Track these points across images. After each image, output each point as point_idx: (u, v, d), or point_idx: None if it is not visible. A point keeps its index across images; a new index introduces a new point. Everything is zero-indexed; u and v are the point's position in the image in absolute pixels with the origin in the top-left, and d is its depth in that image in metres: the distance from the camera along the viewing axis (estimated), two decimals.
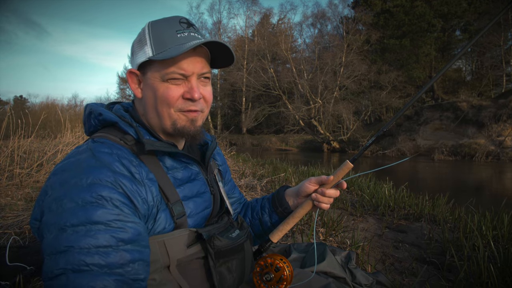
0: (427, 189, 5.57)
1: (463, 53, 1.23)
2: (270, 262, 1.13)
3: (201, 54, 0.94)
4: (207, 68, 0.97)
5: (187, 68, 0.91)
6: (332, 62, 30.98)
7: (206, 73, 0.97)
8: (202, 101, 0.98)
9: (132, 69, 0.97)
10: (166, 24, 0.93)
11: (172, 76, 0.91)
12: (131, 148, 0.90)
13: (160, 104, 0.93)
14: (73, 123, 7.05)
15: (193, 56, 0.92)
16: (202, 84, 0.97)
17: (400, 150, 24.35)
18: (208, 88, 0.99)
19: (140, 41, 0.94)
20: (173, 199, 0.91)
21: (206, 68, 0.97)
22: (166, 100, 0.92)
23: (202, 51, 0.95)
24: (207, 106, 1.01)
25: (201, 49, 0.94)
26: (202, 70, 0.95)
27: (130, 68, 0.99)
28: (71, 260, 0.68)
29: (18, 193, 3.75)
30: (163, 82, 0.92)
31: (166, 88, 0.92)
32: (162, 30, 0.92)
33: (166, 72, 0.91)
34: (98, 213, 0.73)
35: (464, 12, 30.26)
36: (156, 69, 0.92)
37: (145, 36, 0.93)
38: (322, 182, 1.16)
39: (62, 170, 0.81)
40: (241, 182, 5.25)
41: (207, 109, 1.01)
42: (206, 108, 1.01)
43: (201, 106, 0.97)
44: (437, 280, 2.05)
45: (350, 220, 3.39)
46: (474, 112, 23.03)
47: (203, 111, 0.99)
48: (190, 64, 0.92)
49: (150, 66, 0.93)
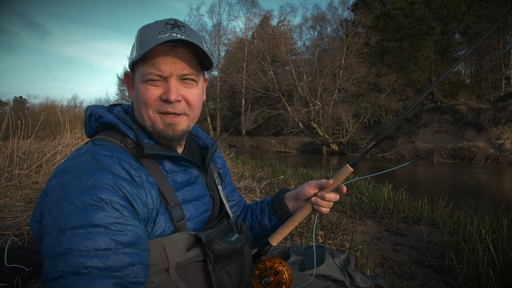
0: (426, 192, 5.58)
1: (463, 59, 1.23)
2: (269, 266, 1.13)
3: (181, 55, 0.92)
4: (189, 70, 0.93)
5: (164, 69, 0.90)
6: (332, 64, 31.04)
7: (188, 75, 0.94)
8: (184, 104, 0.95)
9: (127, 71, 1.01)
10: (152, 27, 0.93)
11: (150, 77, 0.91)
12: (131, 151, 0.91)
13: (140, 104, 0.94)
14: (72, 124, 7.04)
15: (172, 56, 0.91)
16: (184, 86, 0.94)
17: (400, 152, 24.37)
18: (192, 90, 0.96)
19: (133, 44, 0.97)
20: (172, 202, 0.92)
21: (188, 69, 0.93)
22: (144, 101, 0.92)
23: (184, 52, 0.93)
24: (191, 109, 0.97)
25: (182, 49, 0.92)
26: (182, 71, 0.92)
27: (126, 71, 1.02)
28: (70, 262, 0.68)
29: (17, 194, 3.74)
30: (143, 83, 0.92)
31: (145, 88, 0.92)
32: (147, 33, 0.92)
33: (144, 73, 0.91)
34: (98, 216, 0.73)
35: (463, 15, 30.35)
36: (138, 70, 0.94)
37: (135, 39, 0.96)
38: (322, 186, 1.16)
39: (62, 172, 0.81)
40: (240, 184, 5.25)
41: (192, 112, 0.98)
42: (190, 112, 0.97)
43: (182, 109, 0.94)
44: (436, 284, 2.05)
45: (349, 223, 3.39)
46: (473, 115, 23.10)
47: (186, 114, 0.96)
48: (168, 64, 0.90)
49: (137, 67, 0.95)
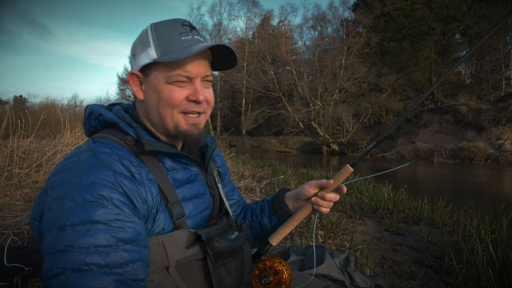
0: (426, 192, 5.58)
1: (464, 61, 1.23)
2: (269, 265, 1.13)
3: (205, 57, 0.96)
4: (210, 71, 0.99)
5: (192, 71, 0.93)
6: (332, 64, 31.03)
7: (209, 76, 0.99)
8: (205, 103, 0.99)
9: (133, 70, 0.97)
10: (169, 27, 0.93)
11: (177, 78, 0.92)
12: (131, 148, 0.90)
13: (163, 105, 0.93)
14: (72, 124, 7.04)
15: (198, 59, 0.93)
16: (205, 86, 0.98)
17: (400, 153, 24.36)
18: (210, 90, 1.01)
19: (143, 43, 0.94)
20: (172, 199, 0.91)
21: (209, 70, 0.98)
22: (171, 102, 0.93)
23: (206, 54, 0.96)
24: (209, 107, 1.02)
25: (204, 52, 0.95)
26: (206, 72, 0.96)
27: (131, 70, 0.98)
28: (70, 259, 0.68)
29: (17, 193, 3.74)
30: (168, 84, 0.92)
31: (171, 90, 0.92)
32: (166, 33, 0.92)
33: (171, 75, 0.91)
34: (98, 213, 0.73)
35: (463, 15, 30.32)
36: (160, 71, 0.92)
37: (148, 38, 0.93)
38: (322, 186, 1.16)
39: (62, 170, 0.81)
40: (240, 184, 5.25)
41: (209, 110, 1.03)
42: (208, 110, 1.02)
43: (204, 108, 0.99)
44: (436, 284, 2.05)
45: (349, 223, 3.39)
46: (473, 116, 23.09)
47: (205, 113, 1.01)
48: (195, 66, 0.93)
49: (154, 68, 0.93)
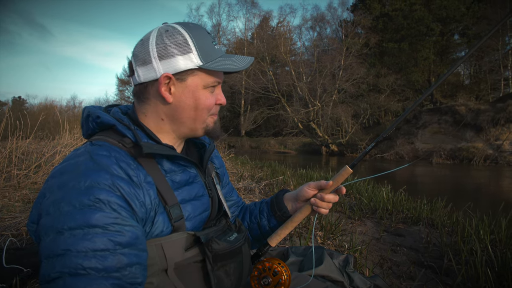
0: (425, 192, 5.58)
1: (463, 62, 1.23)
2: (268, 266, 1.13)
3: None
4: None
5: (222, 78, 1.03)
6: (331, 65, 31.04)
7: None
8: None
9: (167, 73, 0.93)
10: (202, 33, 0.98)
11: (213, 84, 1.00)
12: (129, 150, 0.90)
13: (201, 110, 0.99)
14: (71, 125, 7.02)
15: None
16: None
17: (399, 153, 24.38)
18: None
19: (180, 46, 0.92)
20: (171, 202, 0.91)
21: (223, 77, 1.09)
22: (208, 107, 1.00)
23: None
24: None
25: None
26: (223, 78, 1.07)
27: (165, 73, 0.93)
28: (68, 263, 0.68)
29: (16, 194, 3.73)
30: (205, 89, 0.98)
31: (208, 95, 0.99)
32: (203, 40, 0.96)
33: (210, 81, 0.98)
34: (96, 217, 0.73)
35: (462, 16, 30.37)
36: (200, 77, 0.96)
37: (188, 43, 0.93)
38: (321, 187, 1.16)
39: (60, 173, 0.80)
40: (239, 185, 5.25)
41: None
42: None
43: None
44: (435, 284, 2.05)
45: (348, 224, 3.39)
46: (472, 116, 23.12)
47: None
48: (222, 73, 1.03)
49: (193, 73, 0.95)
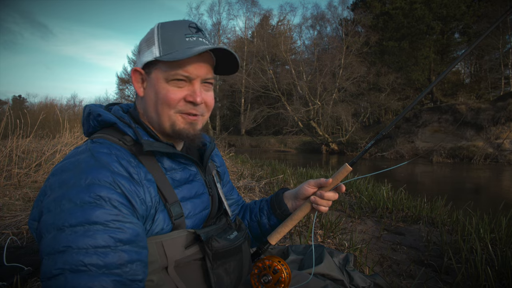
0: (426, 191, 5.59)
1: (462, 59, 1.23)
2: (268, 264, 1.13)
3: (206, 60, 0.96)
4: (211, 74, 0.99)
5: (192, 72, 0.93)
6: (331, 64, 30.96)
7: (210, 79, 0.99)
8: (203, 106, 0.99)
9: (137, 67, 0.98)
10: (175, 27, 0.94)
11: (176, 77, 0.92)
12: (130, 148, 0.90)
13: (161, 104, 0.94)
14: (71, 123, 7.03)
15: (199, 61, 0.94)
16: (204, 88, 0.98)
17: (399, 152, 24.37)
18: (210, 93, 1.01)
19: (148, 41, 0.95)
20: (171, 200, 0.92)
21: (211, 74, 0.98)
22: (167, 101, 0.93)
23: (208, 57, 0.97)
24: (207, 110, 1.02)
25: (207, 54, 0.96)
26: (207, 75, 0.97)
27: (135, 66, 0.99)
28: (69, 260, 0.68)
29: (16, 193, 3.74)
30: (167, 83, 0.93)
31: (169, 89, 0.93)
32: (171, 32, 0.93)
33: (170, 74, 0.92)
34: (97, 214, 0.73)
35: (463, 14, 30.27)
36: (161, 69, 0.93)
37: (154, 37, 0.94)
38: (321, 185, 1.17)
39: (61, 170, 0.81)
40: (239, 184, 5.25)
41: (207, 113, 1.03)
42: (206, 113, 1.02)
43: (202, 110, 0.99)
44: (435, 283, 2.05)
45: (348, 222, 3.40)
46: (472, 115, 23.09)
47: (203, 115, 1.01)
48: (196, 68, 0.93)
49: (156, 66, 0.94)
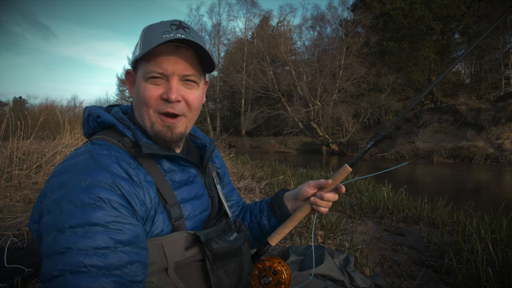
0: (426, 192, 5.58)
1: (462, 58, 1.23)
2: (268, 265, 1.13)
3: (184, 55, 0.93)
4: (191, 71, 0.94)
5: (167, 68, 0.91)
6: (331, 64, 30.98)
7: (190, 76, 0.94)
8: (183, 105, 0.95)
9: (128, 69, 1.01)
10: (157, 27, 0.94)
11: (152, 74, 0.91)
12: (129, 150, 0.91)
13: (141, 104, 0.94)
14: (72, 125, 7.04)
15: (175, 56, 0.91)
16: (186, 87, 0.95)
17: (399, 152, 24.35)
18: (193, 91, 0.97)
19: (136, 43, 0.97)
20: (171, 201, 0.92)
21: (190, 70, 0.94)
22: (144, 100, 0.92)
23: (187, 53, 0.93)
24: (190, 110, 0.97)
25: (185, 50, 0.93)
26: (185, 71, 0.93)
27: (127, 69, 1.02)
28: (69, 261, 0.68)
29: (17, 194, 3.74)
30: (145, 81, 0.93)
31: (146, 87, 0.92)
32: (152, 32, 0.93)
33: (147, 71, 0.92)
34: (97, 215, 0.73)
35: (463, 15, 30.26)
36: (141, 69, 0.94)
37: (139, 38, 0.96)
38: (321, 186, 1.17)
39: (61, 172, 0.81)
40: (240, 184, 5.25)
41: (191, 113, 0.98)
42: (189, 113, 0.98)
43: (181, 110, 0.95)
44: (436, 283, 2.05)
45: (349, 223, 3.40)
46: (473, 115, 23.07)
47: (185, 115, 0.97)
48: (171, 63, 0.91)
49: (139, 66, 0.95)
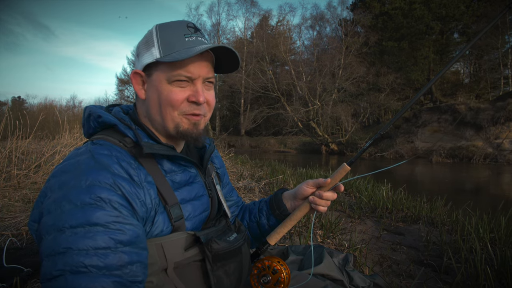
0: (425, 191, 5.59)
1: (461, 56, 1.23)
2: (267, 265, 1.13)
3: (207, 59, 0.96)
4: (212, 73, 0.99)
5: (194, 72, 0.93)
6: (331, 64, 30.99)
7: (211, 78, 0.98)
8: (206, 105, 0.99)
9: (137, 69, 0.97)
10: (174, 28, 0.94)
11: (178, 78, 0.92)
12: (130, 150, 0.90)
13: (164, 106, 0.93)
14: (71, 124, 7.02)
15: (200, 60, 0.93)
16: (206, 88, 0.98)
17: (398, 152, 24.37)
18: (211, 92, 1.01)
19: (147, 43, 0.95)
20: (171, 202, 0.92)
21: (211, 73, 0.98)
22: (171, 103, 0.93)
23: (208, 56, 0.96)
24: (209, 110, 1.02)
25: (207, 53, 0.96)
26: (208, 74, 0.96)
27: (134, 69, 0.99)
28: (69, 261, 0.68)
29: (16, 194, 3.73)
30: (169, 84, 0.93)
31: (171, 90, 0.92)
32: (170, 33, 0.93)
33: (172, 75, 0.92)
34: (97, 215, 0.73)
35: (462, 15, 30.32)
36: (162, 71, 0.92)
37: (153, 38, 0.94)
38: (320, 185, 1.17)
39: (61, 172, 0.81)
40: (239, 184, 5.25)
41: (209, 113, 1.02)
42: (208, 113, 1.02)
43: (204, 110, 0.98)
44: (435, 283, 2.06)
45: (348, 222, 3.40)
46: (472, 115, 23.09)
47: (205, 115, 1.00)
48: (197, 67, 0.93)
49: (156, 67, 0.93)
